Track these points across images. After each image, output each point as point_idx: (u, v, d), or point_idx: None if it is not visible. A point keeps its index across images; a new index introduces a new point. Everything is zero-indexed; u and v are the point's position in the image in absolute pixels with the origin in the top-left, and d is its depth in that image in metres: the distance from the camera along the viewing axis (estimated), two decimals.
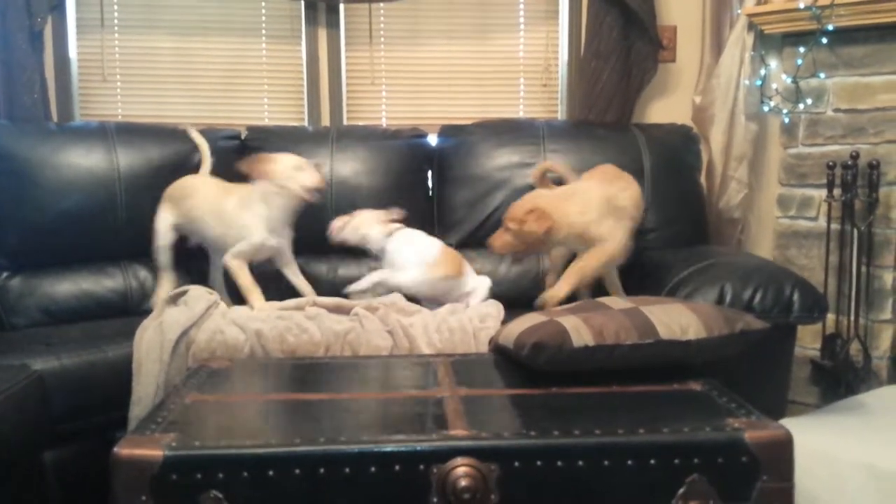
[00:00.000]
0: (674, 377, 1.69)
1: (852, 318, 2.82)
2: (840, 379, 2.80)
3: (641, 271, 2.55)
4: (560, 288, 2.26)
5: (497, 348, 1.94)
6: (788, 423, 1.44)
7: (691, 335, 1.70)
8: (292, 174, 2.39)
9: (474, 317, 2.25)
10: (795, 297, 2.10)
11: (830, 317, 2.85)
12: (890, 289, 2.79)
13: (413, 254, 2.49)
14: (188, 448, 1.31)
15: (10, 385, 1.78)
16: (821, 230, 2.91)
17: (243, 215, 2.39)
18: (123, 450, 1.29)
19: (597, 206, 2.30)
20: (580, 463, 1.33)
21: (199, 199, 2.47)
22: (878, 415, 2.15)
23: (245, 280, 2.37)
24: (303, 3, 3.13)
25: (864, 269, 2.82)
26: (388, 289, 2.44)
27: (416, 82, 3.26)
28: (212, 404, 1.57)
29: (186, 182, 2.56)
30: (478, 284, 2.54)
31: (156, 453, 1.28)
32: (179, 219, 2.50)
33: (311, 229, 2.73)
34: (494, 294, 2.60)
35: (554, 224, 2.24)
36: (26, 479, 1.86)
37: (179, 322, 2.10)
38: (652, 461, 1.34)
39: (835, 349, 2.85)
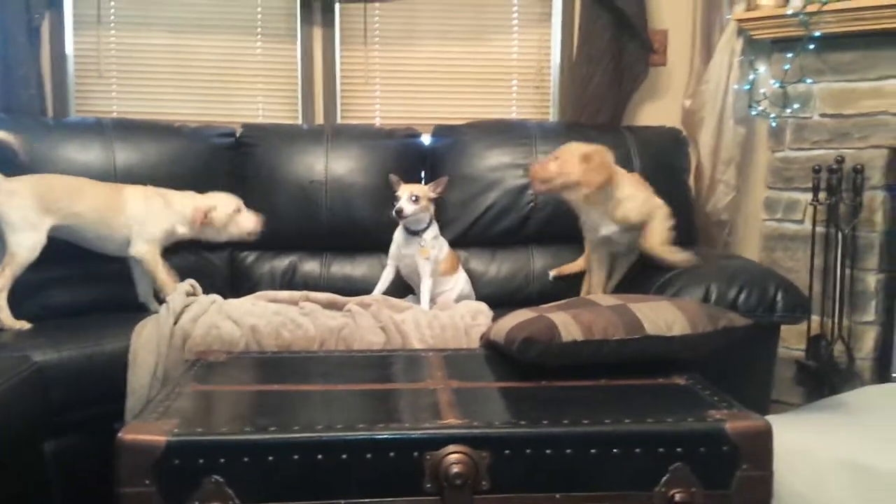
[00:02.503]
0: (659, 372, 1.74)
1: (836, 319, 2.87)
2: (824, 379, 2.85)
3: (629, 271, 2.59)
4: (680, 255, 2.38)
5: (488, 344, 1.99)
6: (771, 420, 1.48)
7: (676, 331, 1.76)
8: (231, 220, 2.48)
9: (465, 314, 2.29)
10: (779, 297, 2.15)
11: (815, 318, 2.91)
12: (873, 291, 2.85)
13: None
14: (190, 434, 1.35)
15: (10, 376, 1.81)
16: (806, 233, 2.97)
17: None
18: (127, 435, 1.34)
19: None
20: (568, 451, 1.38)
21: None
22: (859, 413, 2.21)
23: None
24: (298, 1, 3.16)
25: (848, 271, 2.87)
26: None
27: (411, 82, 3.30)
28: (211, 394, 1.61)
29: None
30: (457, 282, 2.62)
31: (159, 439, 1.32)
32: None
33: (304, 227, 2.79)
34: (484, 294, 2.66)
35: (610, 176, 2.35)
36: (27, 469, 1.90)
37: (172, 314, 2.14)
38: (637, 450, 1.39)
39: (819, 350, 2.91)
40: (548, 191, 2.43)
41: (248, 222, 2.50)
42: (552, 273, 2.77)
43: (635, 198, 2.40)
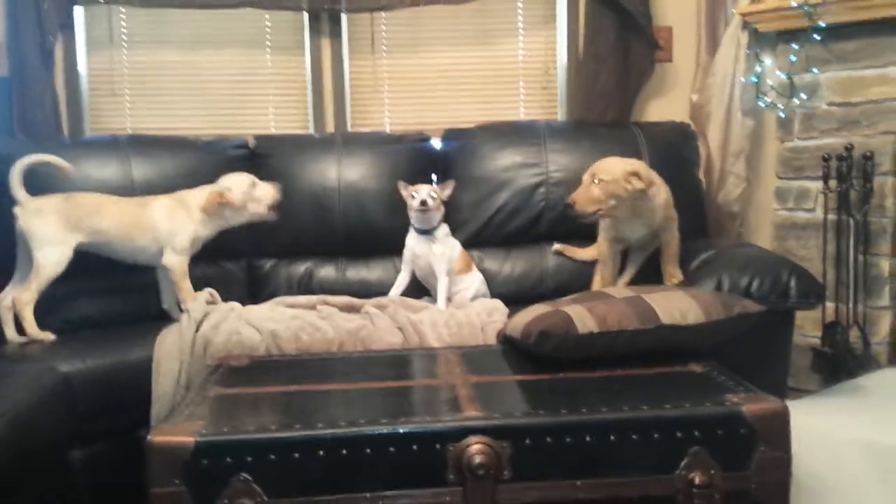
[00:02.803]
0: (676, 361, 1.76)
1: (851, 305, 2.88)
2: (840, 365, 2.85)
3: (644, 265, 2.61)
4: (675, 273, 2.40)
5: (505, 339, 2.02)
6: (789, 404, 1.50)
7: (691, 320, 1.78)
8: (249, 195, 2.52)
9: (482, 311, 2.32)
10: (792, 283, 2.17)
11: (830, 305, 2.91)
12: (887, 276, 2.85)
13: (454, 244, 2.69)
14: (217, 434, 1.39)
15: (37, 386, 1.86)
16: (818, 221, 2.98)
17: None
18: (156, 437, 1.37)
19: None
20: (588, 438, 1.41)
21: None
22: (875, 396, 2.23)
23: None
24: (306, 14, 3.21)
25: (861, 257, 2.88)
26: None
27: (419, 88, 3.33)
28: (235, 397, 1.65)
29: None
30: (472, 282, 2.65)
31: (187, 440, 1.36)
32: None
33: (319, 233, 2.83)
34: (499, 293, 2.69)
35: (653, 187, 2.34)
36: (56, 477, 1.94)
37: (194, 321, 2.19)
38: (655, 435, 1.42)
39: (835, 336, 2.91)
40: (599, 214, 2.36)
41: (265, 193, 2.54)
42: (556, 246, 2.82)
43: (665, 203, 2.43)
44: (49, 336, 2.29)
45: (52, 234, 2.33)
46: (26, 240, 2.33)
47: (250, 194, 2.53)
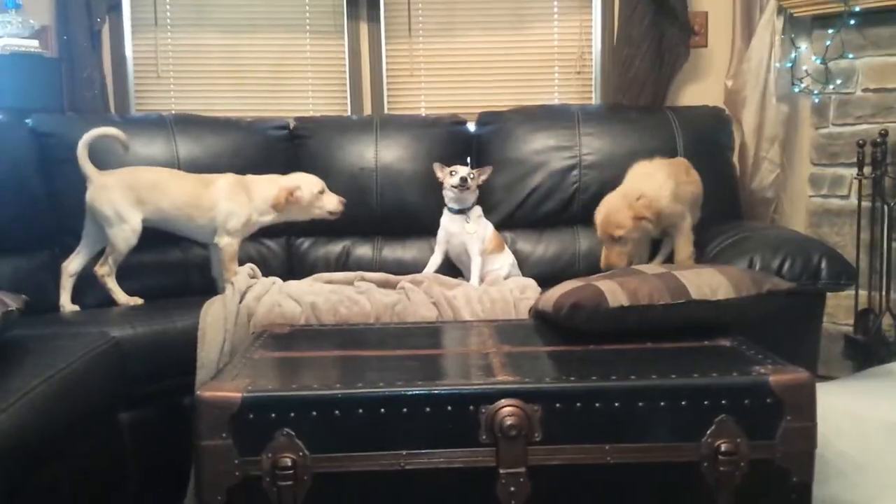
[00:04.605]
0: (705, 336, 1.79)
1: (884, 293, 2.88)
2: (873, 353, 2.86)
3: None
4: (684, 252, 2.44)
5: (537, 314, 2.06)
6: (818, 387, 1.51)
7: (721, 295, 1.81)
8: (316, 199, 2.57)
9: (514, 288, 2.38)
10: (823, 264, 2.19)
11: (863, 293, 2.92)
12: None
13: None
14: (263, 391, 1.46)
15: (90, 349, 1.95)
16: (852, 208, 2.98)
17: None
18: (206, 392, 1.44)
19: (670, 188, 2.44)
20: (617, 404, 1.45)
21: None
22: None
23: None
24: None
25: (894, 244, 2.88)
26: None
27: (455, 72, 3.39)
28: (279, 360, 1.72)
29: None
30: (504, 261, 2.70)
31: (235, 395, 1.43)
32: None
33: (356, 213, 2.89)
34: (532, 274, 2.74)
35: (660, 210, 2.38)
36: (104, 437, 2.03)
37: (238, 292, 2.27)
38: (683, 402, 1.46)
39: (867, 324, 2.92)
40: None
41: (330, 202, 2.59)
42: None
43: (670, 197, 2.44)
44: (137, 301, 2.44)
45: (120, 211, 2.42)
46: (94, 214, 2.44)
47: (317, 199, 2.58)
